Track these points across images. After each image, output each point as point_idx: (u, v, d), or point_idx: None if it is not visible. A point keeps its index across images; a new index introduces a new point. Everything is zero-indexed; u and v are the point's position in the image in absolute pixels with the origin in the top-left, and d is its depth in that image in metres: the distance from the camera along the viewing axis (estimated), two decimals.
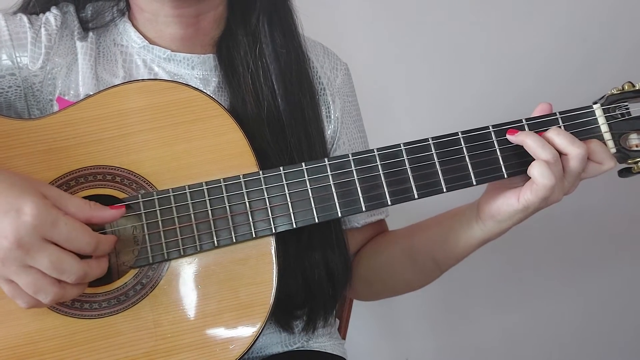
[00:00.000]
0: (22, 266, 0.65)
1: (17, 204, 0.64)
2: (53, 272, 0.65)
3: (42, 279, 0.65)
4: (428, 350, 1.76)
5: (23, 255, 0.64)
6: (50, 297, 0.66)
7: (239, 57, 0.89)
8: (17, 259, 0.64)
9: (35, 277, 0.65)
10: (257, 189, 0.77)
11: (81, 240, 0.67)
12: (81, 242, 0.67)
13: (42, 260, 0.65)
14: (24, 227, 0.63)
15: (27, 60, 0.86)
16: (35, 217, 0.64)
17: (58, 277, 0.66)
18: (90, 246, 0.68)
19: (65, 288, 0.67)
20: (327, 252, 0.88)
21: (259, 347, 0.92)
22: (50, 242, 0.65)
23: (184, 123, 0.78)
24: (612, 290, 1.81)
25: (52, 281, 0.66)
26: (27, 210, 0.64)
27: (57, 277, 0.66)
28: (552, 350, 1.81)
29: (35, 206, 0.64)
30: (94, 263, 0.69)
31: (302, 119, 0.90)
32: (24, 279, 0.65)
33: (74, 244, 0.66)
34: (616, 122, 0.80)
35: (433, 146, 0.79)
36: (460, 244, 0.88)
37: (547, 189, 0.75)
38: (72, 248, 0.67)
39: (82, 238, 0.67)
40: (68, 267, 0.66)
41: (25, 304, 0.68)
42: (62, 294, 0.67)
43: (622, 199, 1.72)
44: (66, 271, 0.66)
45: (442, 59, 1.61)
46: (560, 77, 1.64)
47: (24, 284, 0.65)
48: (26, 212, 0.64)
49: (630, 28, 1.68)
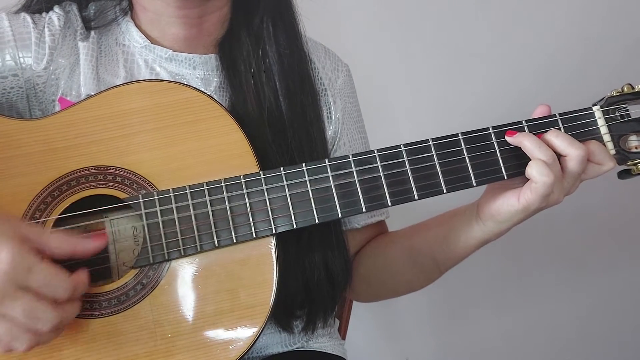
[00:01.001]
0: None
1: None
2: (27, 321, 0.63)
3: (15, 328, 0.63)
4: (428, 350, 1.76)
5: None
6: (25, 345, 0.64)
7: (242, 58, 0.89)
8: None
9: (9, 326, 0.63)
10: (257, 190, 0.77)
11: (58, 287, 0.65)
12: (58, 289, 0.65)
13: (15, 310, 0.62)
14: None
15: (31, 60, 0.86)
16: (9, 264, 0.61)
17: (32, 327, 0.64)
18: (67, 292, 0.66)
19: (40, 335, 0.65)
20: (327, 253, 0.88)
21: (259, 347, 0.93)
22: (26, 291, 0.63)
23: (185, 123, 0.78)
24: (612, 290, 1.81)
25: (26, 330, 0.64)
26: (2, 258, 0.61)
27: (31, 327, 0.64)
28: (552, 351, 1.81)
29: (11, 253, 0.62)
30: (68, 307, 0.67)
31: (304, 120, 0.90)
32: None
33: (51, 290, 0.64)
34: (615, 124, 0.80)
35: (433, 147, 0.79)
36: (460, 245, 0.88)
37: (546, 186, 0.75)
38: (47, 294, 0.64)
39: (59, 284, 0.65)
40: (42, 315, 0.64)
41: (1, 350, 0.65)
42: (36, 340, 0.65)
43: (622, 199, 1.72)
44: (40, 320, 0.64)
45: (442, 60, 1.61)
46: (561, 78, 1.64)
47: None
48: (1, 260, 0.61)
49: (631, 28, 1.68)
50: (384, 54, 1.57)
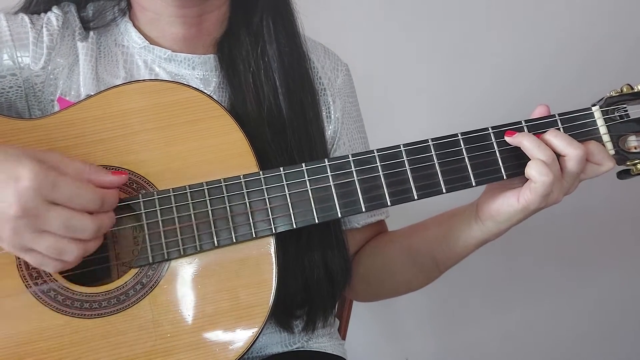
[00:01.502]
0: (36, 232, 0.65)
1: (14, 173, 0.64)
2: (66, 231, 0.66)
3: (60, 241, 0.66)
4: (428, 350, 1.76)
5: (33, 221, 0.64)
6: (74, 254, 0.67)
7: (241, 57, 0.89)
8: (28, 226, 0.64)
9: (53, 240, 0.66)
10: (257, 189, 0.77)
11: (85, 197, 0.67)
12: (85, 199, 0.67)
13: (53, 222, 0.65)
14: (25, 193, 0.63)
15: (29, 60, 0.86)
16: (33, 181, 0.64)
17: (73, 236, 0.66)
18: (96, 202, 0.68)
19: (85, 243, 0.68)
20: (327, 252, 0.88)
21: (259, 347, 0.93)
22: (56, 204, 0.65)
23: (184, 123, 0.78)
24: (612, 290, 1.82)
25: (70, 239, 0.66)
26: (24, 176, 0.64)
27: (72, 236, 0.66)
28: (552, 350, 1.81)
29: (32, 171, 0.64)
30: (104, 216, 0.69)
31: (303, 119, 0.90)
32: (42, 244, 0.66)
33: (79, 201, 0.66)
34: (615, 124, 0.80)
35: (433, 147, 0.79)
36: (459, 244, 0.88)
37: (545, 185, 0.75)
38: (77, 206, 0.66)
39: (85, 195, 0.67)
40: (80, 224, 0.66)
41: (53, 269, 0.68)
42: (84, 248, 0.68)
43: (622, 199, 1.72)
44: (79, 228, 0.66)
45: (442, 60, 1.61)
46: (562, 79, 1.65)
47: (44, 249, 0.66)
48: (24, 178, 0.63)
49: (632, 29, 1.68)
50: (384, 54, 1.57)
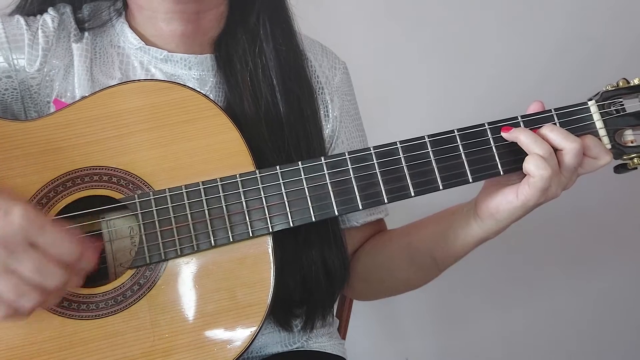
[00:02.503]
0: (4, 270, 0.63)
1: (6, 206, 0.63)
2: (35, 276, 0.63)
3: (22, 284, 0.63)
4: (428, 350, 1.75)
5: (6, 256, 0.63)
6: (31, 302, 0.64)
7: (237, 56, 0.89)
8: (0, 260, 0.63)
9: (18, 282, 0.63)
10: (253, 189, 0.77)
11: (66, 248, 0.65)
12: (65, 250, 0.65)
13: (26, 263, 0.63)
14: (10, 227, 0.62)
15: (24, 62, 0.86)
16: (23, 218, 0.63)
17: (40, 282, 0.64)
18: (75, 255, 0.66)
19: (45, 294, 0.65)
20: (325, 249, 0.88)
21: (259, 347, 0.92)
22: (35, 248, 0.64)
23: (180, 123, 0.78)
24: (612, 288, 1.81)
25: (33, 286, 0.64)
26: (15, 212, 0.63)
27: (39, 282, 0.64)
28: (552, 350, 1.80)
29: (24, 209, 0.64)
30: (74, 276, 0.67)
31: (300, 116, 0.90)
32: (6, 282, 0.63)
33: (59, 249, 0.65)
34: (611, 118, 0.80)
35: (429, 144, 0.79)
36: (458, 243, 0.88)
37: (544, 179, 0.75)
38: (56, 254, 0.65)
39: (68, 246, 0.65)
40: (49, 272, 0.64)
41: (2, 313, 0.65)
42: (43, 299, 0.65)
43: (621, 196, 1.72)
44: (49, 277, 0.64)
45: (439, 58, 1.61)
46: (562, 78, 1.64)
47: (6, 288, 0.63)
48: (15, 213, 0.63)
49: (632, 29, 1.68)
50: (382, 52, 1.57)
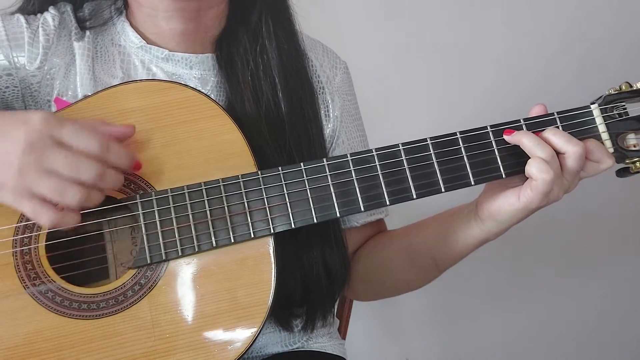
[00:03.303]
0: (40, 171, 0.65)
1: (24, 117, 0.67)
2: (71, 171, 0.66)
3: (64, 181, 0.66)
4: (428, 351, 1.76)
5: (38, 158, 0.65)
6: (75, 198, 0.66)
7: (239, 55, 0.89)
8: (33, 163, 0.65)
9: (57, 180, 0.66)
10: (255, 189, 0.77)
11: (91, 139, 0.67)
12: (91, 141, 0.67)
13: (58, 159, 0.66)
14: (33, 131, 0.65)
15: (25, 60, 0.86)
16: (42, 121, 0.66)
17: (76, 176, 0.66)
18: (100, 145, 0.68)
19: (86, 190, 0.67)
20: (325, 250, 0.88)
21: (259, 347, 0.93)
22: (62, 145, 0.66)
23: (182, 123, 0.78)
24: (613, 291, 1.81)
25: (72, 182, 0.66)
26: (34, 118, 0.66)
27: (76, 176, 0.66)
28: (553, 350, 1.81)
29: (42, 116, 0.67)
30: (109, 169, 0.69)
31: (302, 117, 0.89)
32: (46, 184, 0.65)
33: (85, 142, 0.67)
34: (614, 122, 0.80)
35: (431, 146, 0.79)
36: (458, 244, 0.88)
37: (546, 183, 0.75)
38: (83, 147, 0.67)
39: (92, 136, 0.68)
40: (84, 165, 0.67)
41: (49, 219, 0.67)
42: (86, 195, 0.67)
43: (623, 200, 1.72)
44: (83, 169, 0.66)
45: (441, 59, 1.61)
46: (562, 79, 1.64)
47: (47, 189, 0.65)
48: (33, 120, 0.66)
49: (632, 30, 1.68)
50: (383, 53, 1.57)
